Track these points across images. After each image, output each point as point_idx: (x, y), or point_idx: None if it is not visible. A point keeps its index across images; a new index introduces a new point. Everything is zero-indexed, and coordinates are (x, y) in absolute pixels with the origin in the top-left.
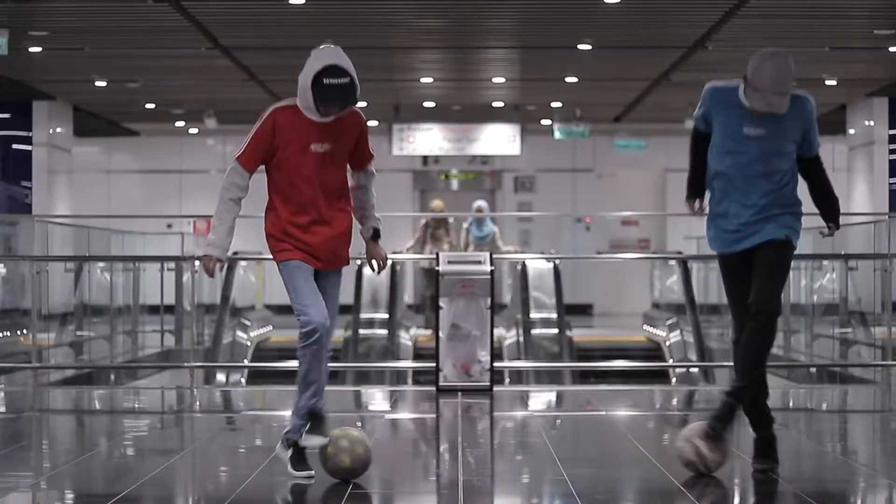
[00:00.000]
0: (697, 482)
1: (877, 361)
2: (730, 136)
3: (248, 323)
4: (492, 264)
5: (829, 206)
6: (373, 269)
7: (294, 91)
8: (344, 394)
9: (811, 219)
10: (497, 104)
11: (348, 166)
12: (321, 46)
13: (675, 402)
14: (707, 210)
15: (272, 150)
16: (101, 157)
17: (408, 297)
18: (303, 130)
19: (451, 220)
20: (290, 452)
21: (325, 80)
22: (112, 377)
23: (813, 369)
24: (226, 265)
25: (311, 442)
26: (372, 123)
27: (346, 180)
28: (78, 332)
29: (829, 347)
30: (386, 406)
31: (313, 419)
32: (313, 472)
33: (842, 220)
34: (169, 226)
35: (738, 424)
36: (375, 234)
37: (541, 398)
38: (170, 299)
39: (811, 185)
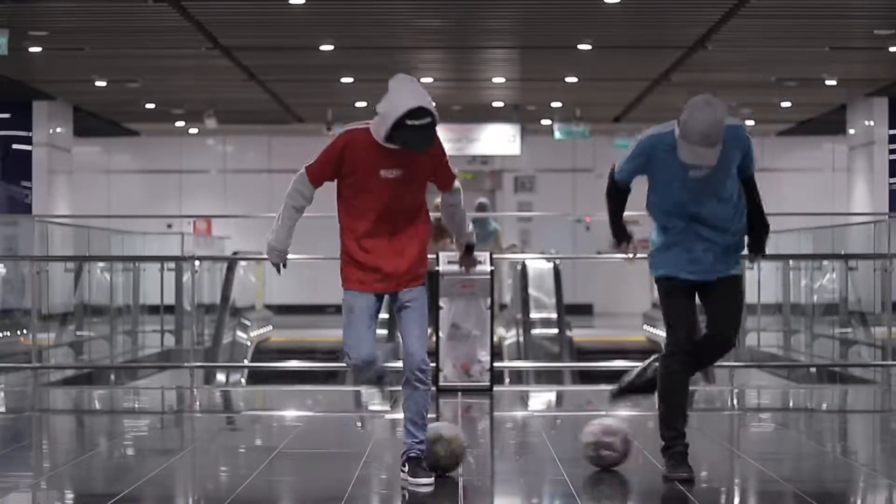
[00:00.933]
0: (698, 482)
1: (877, 361)
2: (674, 176)
3: (248, 323)
4: (492, 264)
5: (756, 232)
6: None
7: (293, 91)
8: (344, 394)
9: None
10: (497, 104)
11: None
12: (403, 80)
13: None
14: (638, 250)
15: (340, 168)
16: (101, 157)
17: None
18: (373, 155)
19: None
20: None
21: (409, 122)
22: (112, 377)
23: (813, 369)
24: (286, 264)
25: (418, 486)
26: None
27: (423, 203)
28: (78, 332)
29: (829, 347)
30: (386, 406)
31: (410, 461)
32: (432, 478)
33: (842, 220)
34: (169, 226)
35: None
36: (468, 249)
37: (541, 398)
38: (170, 299)
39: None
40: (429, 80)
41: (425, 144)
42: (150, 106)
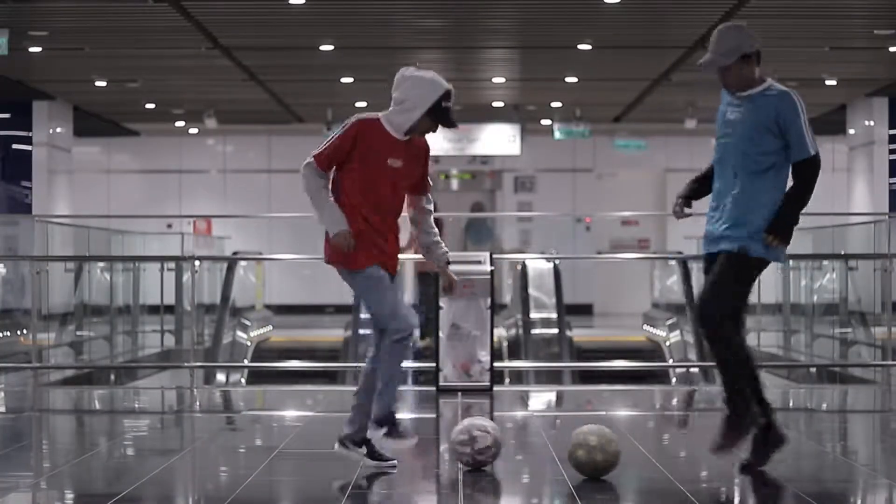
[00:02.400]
0: (697, 482)
1: (877, 361)
2: (720, 121)
3: (248, 323)
4: (492, 264)
5: (779, 212)
6: (448, 294)
7: (293, 91)
8: (344, 394)
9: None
10: (497, 104)
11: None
12: (415, 70)
13: (675, 402)
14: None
15: (350, 156)
16: (101, 157)
17: (408, 296)
18: (384, 145)
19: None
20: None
21: (444, 104)
22: (112, 377)
23: (813, 369)
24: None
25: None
26: None
27: (403, 200)
28: (78, 332)
29: (829, 347)
30: None
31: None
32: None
33: (842, 220)
34: (169, 226)
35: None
36: (447, 262)
37: (541, 398)
38: (170, 299)
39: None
40: None
41: (456, 121)
42: (150, 106)
